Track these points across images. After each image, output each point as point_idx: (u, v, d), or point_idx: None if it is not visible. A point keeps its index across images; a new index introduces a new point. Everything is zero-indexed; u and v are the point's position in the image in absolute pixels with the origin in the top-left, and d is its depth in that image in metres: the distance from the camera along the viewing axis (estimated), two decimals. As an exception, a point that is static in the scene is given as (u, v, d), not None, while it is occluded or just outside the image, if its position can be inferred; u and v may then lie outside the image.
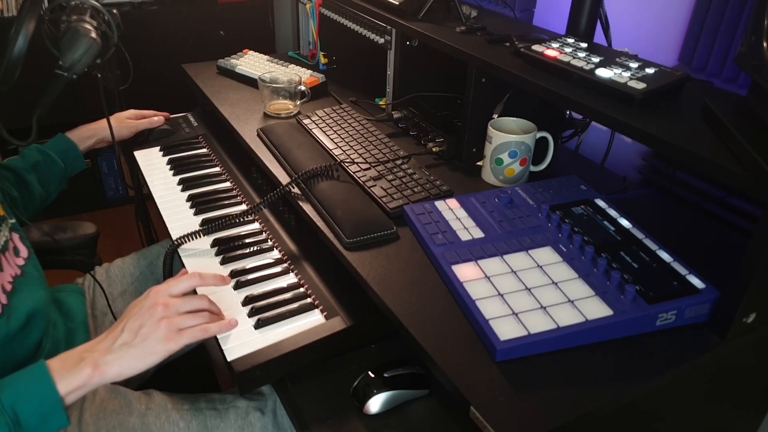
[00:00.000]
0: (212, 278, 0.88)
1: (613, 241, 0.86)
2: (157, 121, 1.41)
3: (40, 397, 0.70)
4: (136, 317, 0.78)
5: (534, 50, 0.97)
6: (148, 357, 0.75)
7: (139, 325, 0.77)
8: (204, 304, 0.84)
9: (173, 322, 0.77)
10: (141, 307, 0.79)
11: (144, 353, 0.75)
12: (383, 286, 0.82)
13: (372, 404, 0.80)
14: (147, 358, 0.75)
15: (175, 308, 0.79)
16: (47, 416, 0.70)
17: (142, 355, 0.75)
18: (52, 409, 0.70)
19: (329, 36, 1.57)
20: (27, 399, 0.69)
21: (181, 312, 0.80)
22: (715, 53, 1.12)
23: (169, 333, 0.77)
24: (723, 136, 0.74)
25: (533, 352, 0.71)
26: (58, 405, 0.70)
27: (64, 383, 0.71)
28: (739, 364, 0.84)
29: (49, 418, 0.70)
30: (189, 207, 1.17)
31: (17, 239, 0.92)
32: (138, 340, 0.76)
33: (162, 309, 0.78)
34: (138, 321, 0.77)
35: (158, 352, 0.76)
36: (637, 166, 1.27)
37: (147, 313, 0.78)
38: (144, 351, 0.75)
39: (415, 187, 1.03)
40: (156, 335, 0.76)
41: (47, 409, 0.70)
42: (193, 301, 0.82)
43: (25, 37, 0.87)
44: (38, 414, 0.69)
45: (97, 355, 0.74)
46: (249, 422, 0.87)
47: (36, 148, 1.16)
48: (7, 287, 0.84)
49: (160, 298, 0.80)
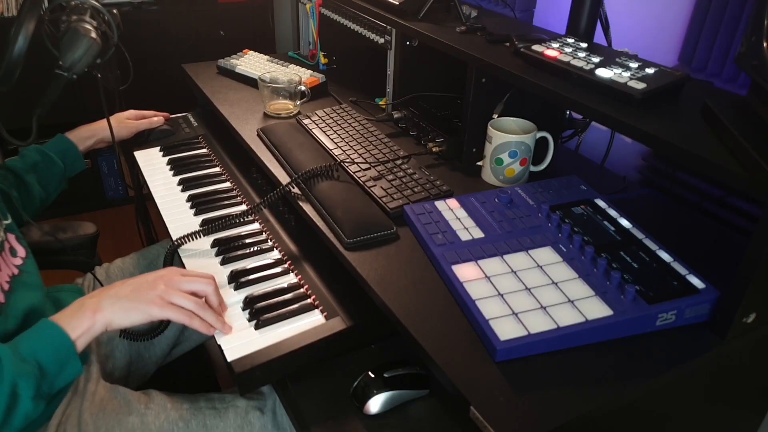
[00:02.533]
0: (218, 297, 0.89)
1: (613, 241, 0.86)
2: (157, 121, 1.41)
3: (55, 343, 0.75)
4: (141, 279, 0.84)
5: (534, 50, 0.97)
6: (132, 311, 0.80)
7: (139, 283, 0.83)
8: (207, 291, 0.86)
9: (168, 292, 0.82)
10: (151, 275, 0.85)
11: (130, 307, 0.80)
12: (383, 286, 0.82)
13: (372, 404, 0.80)
14: (131, 313, 0.80)
15: (177, 284, 0.84)
16: (64, 362, 0.75)
17: (128, 308, 0.80)
18: (67, 353, 0.75)
19: (329, 36, 1.57)
20: (44, 348, 0.74)
21: (182, 290, 0.84)
22: (715, 53, 1.12)
23: (159, 300, 0.81)
24: (723, 136, 0.74)
25: (533, 352, 0.71)
26: (71, 350, 0.76)
27: (71, 328, 0.76)
28: (739, 364, 0.84)
29: (66, 364, 0.76)
30: (189, 207, 1.17)
31: (13, 240, 0.92)
32: (132, 295, 0.81)
33: (167, 279, 0.84)
34: (140, 281, 0.83)
35: (142, 310, 0.80)
36: (637, 166, 1.27)
37: (152, 277, 0.84)
38: (131, 305, 0.80)
39: (415, 187, 1.03)
40: (147, 296, 0.81)
41: (63, 354, 0.75)
42: (197, 285, 0.85)
43: (25, 37, 0.87)
44: (56, 360, 0.75)
45: (95, 300, 0.80)
46: (248, 422, 0.87)
47: (36, 148, 1.16)
48: (5, 286, 0.84)
49: (171, 273, 0.86)
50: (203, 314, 0.83)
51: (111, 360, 1.03)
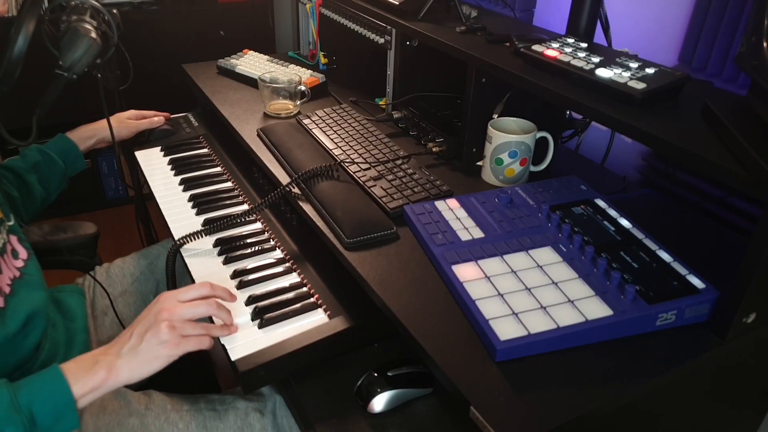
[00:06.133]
0: (222, 290, 0.88)
1: (613, 241, 0.86)
2: (158, 121, 1.41)
3: (55, 397, 0.71)
4: (143, 323, 0.79)
5: (534, 50, 0.97)
6: (153, 361, 0.77)
7: (145, 330, 0.78)
8: (211, 311, 0.83)
9: (177, 328, 0.78)
10: (149, 312, 0.80)
11: (148, 357, 0.77)
12: (383, 286, 0.82)
13: (376, 403, 0.80)
14: (152, 363, 0.77)
15: (180, 314, 0.80)
16: (60, 416, 0.71)
17: (146, 360, 0.77)
18: (66, 409, 0.71)
19: (329, 36, 1.57)
20: (42, 399, 0.71)
21: (185, 318, 0.80)
22: (715, 53, 1.12)
23: (173, 338, 0.78)
24: (723, 136, 0.74)
25: (533, 352, 0.71)
26: (71, 405, 0.72)
27: (78, 385, 0.73)
28: (739, 364, 0.84)
29: (62, 419, 0.72)
30: (191, 207, 1.17)
31: (15, 241, 0.92)
32: (144, 345, 0.77)
33: (167, 314, 0.79)
34: (145, 326, 0.79)
35: (162, 356, 0.77)
36: (637, 166, 1.27)
37: (153, 318, 0.79)
38: (148, 355, 0.77)
39: (415, 187, 1.03)
40: (159, 339, 0.77)
41: (61, 408, 0.71)
42: (200, 308, 0.82)
43: (25, 37, 0.87)
44: (52, 414, 0.71)
45: (110, 358, 0.76)
46: (248, 423, 0.87)
47: (36, 148, 1.16)
48: (6, 290, 0.84)
49: (168, 304, 0.81)
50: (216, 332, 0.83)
51: (111, 360, 1.03)
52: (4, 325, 0.82)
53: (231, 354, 0.82)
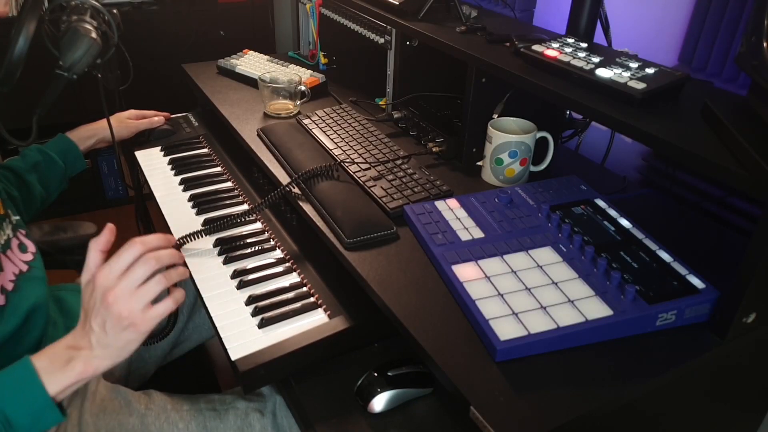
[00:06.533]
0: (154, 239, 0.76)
1: (613, 241, 0.86)
2: (158, 121, 1.41)
3: (28, 398, 0.68)
4: (96, 314, 0.72)
5: (534, 50, 0.97)
6: (126, 346, 0.72)
7: (102, 321, 0.71)
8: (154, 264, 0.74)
9: (132, 305, 0.71)
10: (93, 300, 0.72)
11: (120, 345, 0.72)
12: (383, 286, 0.82)
13: (376, 403, 0.80)
14: (126, 347, 0.72)
15: (127, 290, 0.71)
16: (39, 415, 0.69)
17: (119, 348, 0.72)
18: (43, 408, 0.69)
19: (329, 36, 1.57)
20: (14, 401, 0.68)
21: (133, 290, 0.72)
22: (715, 53, 1.12)
23: (134, 319, 0.71)
24: (723, 136, 0.74)
25: (533, 352, 0.71)
26: (48, 404, 0.69)
27: (53, 383, 0.69)
28: (739, 364, 0.84)
29: (42, 417, 0.69)
30: (191, 207, 1.17)
31: (22, 236, 0.92)
32: (110, 336, 0.71)
33: (113, 296, 0.71)
34: (99, 317, 0.72)
35: (132, 339, 0.72)
36: (637, 166, 1.27)
37: (102, 307, 0.71)
38: (119, 343, 0.72)
39: (415, 187, 1.03)
40: (122, 326, 0.71)
41: (37, 408, 0.69)
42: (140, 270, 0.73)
43: (25, 38, 0.87)
44: (29, 414, 0.68)
45: (85, 353, 0.72)
46: (248, 423, 0.87)
47: (36, 148, 1.16)
48: (8, 286, 0.84)
49: (108, 283, 0.72)
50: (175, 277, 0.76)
51: (111, 360, 1.03)
52: (4, 323, 0.82)
53: (231, 354, 0.82)
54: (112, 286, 0.71)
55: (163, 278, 0.74)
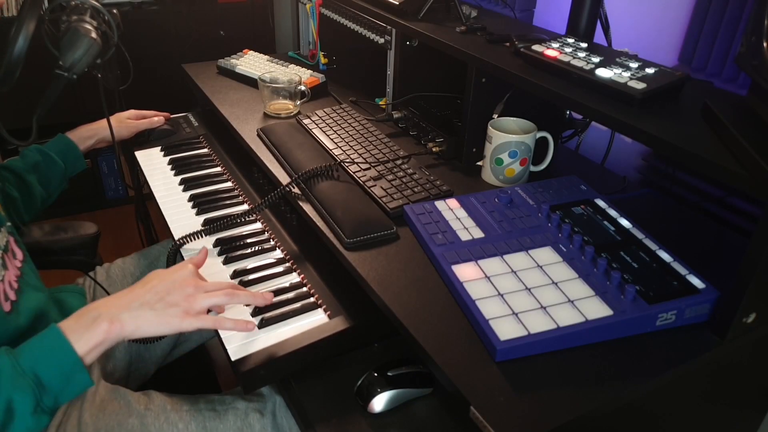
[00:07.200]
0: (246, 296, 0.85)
1: (613, 241, 0.86)
2: (158, 121, 1.41)
3: (59, 358, 0.71)
4: (165, 284, 0.78)
5: (534, 50, 0.97)
6: (162, 325, 0.76)
7: (166, 291, 0.77)
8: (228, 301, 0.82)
9: (198, 301, 0.77)
10: (172, 277, 0.79)
11: (161, 320, 0.75)
12: (383, 286, 0.82)
13: (376, 403, 0.80)
14: (161, 326, 0.76)
15: (203, 287, 0.79)
16: (69, 376, 0.71)
17: (158, 321, 0.75)
18: (73, 369, 0.71)
19: (329, 36, 1.57)
20: (46, 362, 0.70)
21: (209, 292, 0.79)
22: (715, 53, 1.12)
23: (190, 311, 0.76)
24: (723, 136, 0.74)
25: (533, 352, 0.71)
26: (78, 365, 0.71)
27: (81, 343, 0.72)
28: (739, 364, 0.84)
29: (72, 378, 0.71)
30: (191, 207, 1.17)
31: (12, 242, 0.92)
32: (161, 305, 0.76)
33: (193, 289, 0.78)
34: (166, 288, 0.77)
35: (173, 324, 0.76)
36: (637, 166, 1.27)
37: (178, 284, 0.78)
38: (162, 317, 0.75)
39: (415, 187, 1.03)
40: (179, 308, 0.76)
41: (67, 369, 0.71)
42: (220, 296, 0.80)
43: (25, 38, 0.87)
44: (60, 375, 0.70)
45: (114, 310, 0.75)
46: (248, 423, 0.87)
47: (36, 148, 1.16)
48: (14, 285, 0.85)
49: (193, 279, 0.80)
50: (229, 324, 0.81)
51: (111, 360, 1.03)
52: (17, 319, 0.82)
53: (231, 354, 0.82)
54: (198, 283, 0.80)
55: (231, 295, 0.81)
